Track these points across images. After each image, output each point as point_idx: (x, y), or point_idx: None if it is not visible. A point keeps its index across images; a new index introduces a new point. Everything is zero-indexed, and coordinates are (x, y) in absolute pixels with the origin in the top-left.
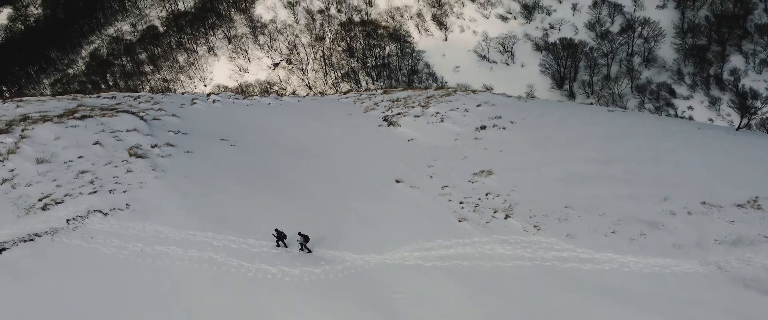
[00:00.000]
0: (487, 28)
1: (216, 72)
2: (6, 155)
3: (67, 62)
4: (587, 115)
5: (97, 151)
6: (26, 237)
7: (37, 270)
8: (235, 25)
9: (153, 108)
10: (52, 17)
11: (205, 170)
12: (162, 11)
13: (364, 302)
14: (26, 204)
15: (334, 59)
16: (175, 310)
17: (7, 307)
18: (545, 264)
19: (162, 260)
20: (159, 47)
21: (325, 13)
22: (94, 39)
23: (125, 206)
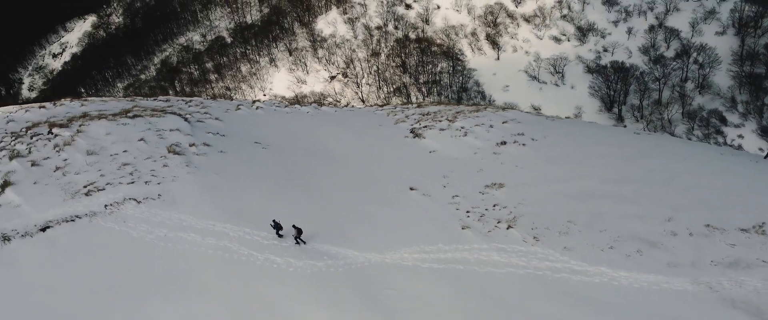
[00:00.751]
0: (539, 49)
1: (275, 82)
2: (62, 146)
3: (141, 68)
4: (611, 135)
5: (141, 147)
6: (68, 218)
7: (74, 246)
8: (297, 38)
9: (200, 111)
10: (131, 26)
11: (234, 168)
12: (231, 23)
13: (357, 295)
14: (73, 189)
15: (387, 74)
16: (189, 289)
17: (46, 275)
18: (537, 273)
19: (182, 245)
20: (225, 57)
21: (382, 29)
22: (166, 47)
23: (157, 196)
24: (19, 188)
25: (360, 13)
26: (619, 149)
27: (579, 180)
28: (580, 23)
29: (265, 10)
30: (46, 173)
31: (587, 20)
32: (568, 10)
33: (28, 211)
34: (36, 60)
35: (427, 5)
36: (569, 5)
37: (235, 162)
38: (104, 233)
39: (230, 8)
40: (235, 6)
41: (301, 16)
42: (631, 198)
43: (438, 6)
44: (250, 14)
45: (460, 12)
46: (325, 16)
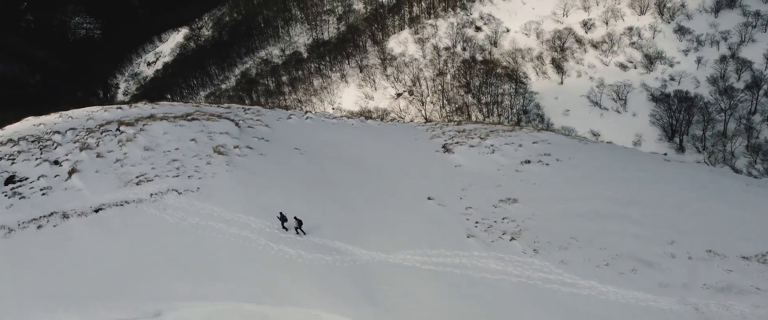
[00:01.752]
0: (604, 75)
1: (344, 97)
2: (125, 142)
3: (222, 78)
4: (638, 161)
5: (191, 146)
6: (119, 202)
7: (120, 227)
8: (368, 55)
9: (253, 118)
10: (218, 39)
11: (269, 169)
12: (309, 39)
13: (357, 288)
14: (127, 179)
15: (451, 93)
16: (210, 270)
17: (94, 248)
18: (528, 282)
19: (210, 232)
20: (300, 71)
21: (450, 50)
22: (247, 60)
23: (196, 189)
24: (83, 175)
25: (431, 33)
26: (639, 173)
27: (590, 199)
28: (648, 51)
29: (342, 28)
30: (107, 164)
31: (656, 48)
32: (638, 38)
33: (87, 195)
34: (132, 67)
35: (497, 28)
36: (640, 33)
37: (271, 164)
38: (146, 218)
39: (310, 25)
40: (315, 23)
41: (374, 34)
42: (636, 219)
43: (507, 29)
44: (327, 31)
45: (528, 36)
46: (397, 35)
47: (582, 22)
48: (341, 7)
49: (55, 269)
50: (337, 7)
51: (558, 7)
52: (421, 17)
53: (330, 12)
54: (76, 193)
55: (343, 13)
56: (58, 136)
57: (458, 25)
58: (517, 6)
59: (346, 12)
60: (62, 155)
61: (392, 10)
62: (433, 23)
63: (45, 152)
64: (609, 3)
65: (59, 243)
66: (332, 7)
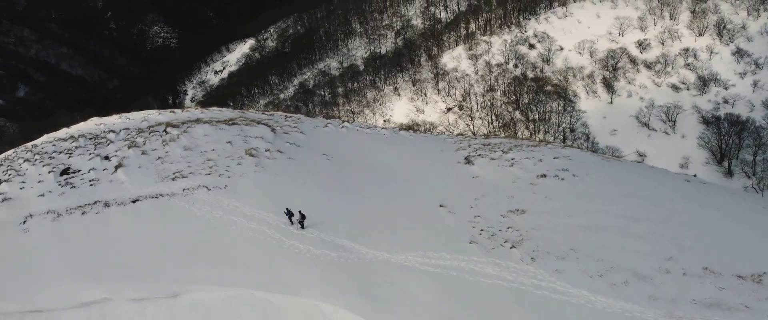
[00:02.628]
0: (655, 96)
1: (396, 110)
2: (168, 142)
3: (281, 88)
4: (657, 179)
5: (226, 148)
6: (154, 195)
7: (152, 216)
8: (421, 70)
9: (290, 125)
10: (281, 50)
11: (294, 172)
12: (366, 52)
13: (355, 282)
14: (164, 175)
15: (500, 109)
16: (226, 258)
17: (128, 234)
18: (520, 288)
19: (230, 225)
20: (356, 83)
21: (502, 66)
22: (306, 71)
23: (224, 186)
24: (127, 169)
25: (484, 50)
26: (653, 192)
27: (597, 214)
28: (703, 73)
29: (399, 43)
30: (149, 160)
31: (711, 70)
32: (693, 59)
33: (129, 187)
34: (200, 75)
35: (550, 46)
36: (696, 54)
37: (297, 167)
38: (176, 210)
39: (368, 39)
40: (374, 37)
41: (430, 49)
42: (640, 235)
43: (561, 47)
44: (384, 45)
45: (582, 54)
46: (451, 51)
47: (637, 42)
48: (400, 22)
49: (92, 250)
50: (396, 22)
51: (614, 26)
52: (476, 34)
53: (388, 27)
54: (119, 185)
55: (402, 27)
56: (112, 134)
57: (512, 42)
58: (572, 25)
59: (404, 27)
60: (112, 151)
61: (449, 26)
62: (487, 40)
63: (98, 148)
64: (666, 23)
65: (98, 228)
66: (391, 22)
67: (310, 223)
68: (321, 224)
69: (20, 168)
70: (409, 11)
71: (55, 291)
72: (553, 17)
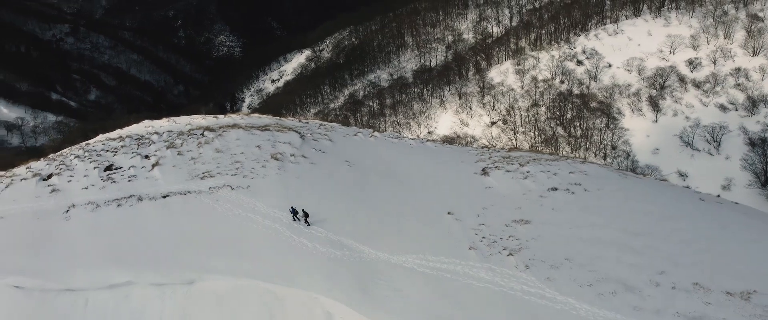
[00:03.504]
0: (701, 116)
1: (441, 122)
2: (203, 144)
3: (332, 98)
4: (671, 197)
5: (254, 151)
6: (183, 192)
7: (179, 210)
8: (468, 83)
9: (321, 132)
10: (335, 61)
11: (314, 176)
12: (416, 65)
13: (354, 279)
14: (195, 174)
15: (543, 124)
16: (239, 251)
17: (157, 225)
18: (509, 292)
19: (247, 222)
20: (404, 95)
21: (548, 82)
22: (356, 82)
23: (246, 186)
24: (163, 168)
25: (532, 65)
26: (662, 208)
27: (600, 227)
28: (753, 93)
29: (449, 56)
30: (184, 160)
31: (762, 91)
32: (744, 79)
33: (162, 184)
34: (258, 83)
35: (598, 63)
36: (747, 74)
37: (318, 171)
38: (201, 206)
39: (419, 52)
40: (424, 50)
41: (478, 63)
42: (637, 249)
43: (609, 64)
44: (434, 58)
45: (630, 72)
46: (499, 65)
47: (687, 61)
48: (452, 36)
49: (122, 238)
50: (448, 36)
51: (665, 45)
52: (525, 49)
53: (439, 40)
54: (154, 182)
55: (453, 41)
56: (155, 136)
57: (560, 58)
58: (622, 42)
59: (455, 41)
60: (152, 151)
61: (499, 41)
62: (535, 55)
63: (141, 148)
64: (720, 42)
65: (130, 219)
66: (443, 36)
67: (319, 223)
68: (330, 224)
69: (70, 164)
70: (461, 25)
71: (87, 273)
72: (603, 34)
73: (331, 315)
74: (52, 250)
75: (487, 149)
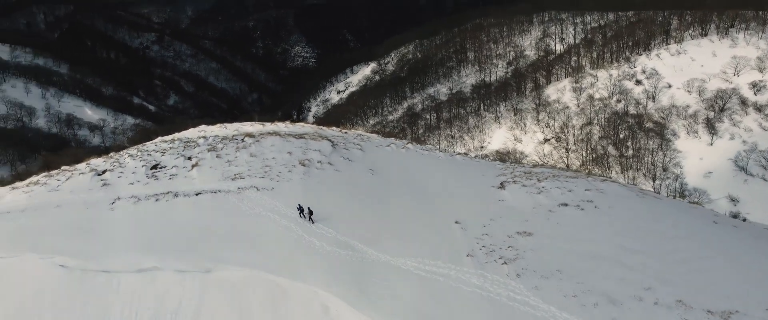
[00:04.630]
0: (759, 140)
1: (494, 137)
2: (240, 148)
3: (391, 110)
4: (683, 219)
5: (285, 157)
6: (214, 190)
7: (208, 207)
8: (525, 100)
9: (355, 142)
10: (398, 73)
11: (336, 181)
12: (475, 80)
13: (353, 276)
14: (227, 175)
15: (595, 143)
16: (254, 244)
17: (186, 220)
18: (494, 298)
19: (265, 219)
20: (461, 109)
21: (605, 101)
22: (416, 95)
23: (271, 188)
24: (200, 169)
25: (589, 84)
26: (668, 229)
27: (599, 243)
28: None
29: (509, 72)
30: (220, 163)
31: None
32: None
33: (197, 183)
34: (325, 94)
35: (657, 83)
36: None
37: (340, 178)
38: (227, 203)
39: (480, 67)
40: (485, 66)
41: (536, 80)
42: (630, 265)
43: (669, 85)
44: (494, 74)
45: (690, 93)
46: (557, 83)
47: (751, 84)
48: (513, 52)
49: (155, 229)
50: (510, 52)
51: (729, 66)
52: (585, 67)
53: (501, 56)
54: (191, 181)
55: (514, 57)
56: (202, 140)
57: (618, 77)
58: (684, 62)
59: (516, 57)
60: (195, 153)
61: (560, 58)
62: (594, 74)
63: (186, 150)
64: None
65: (164, 213)
66: (505, 52)
67: (330, 223)
68: (340, 225)
69: (123, 162)
70: (524, 42)
71: (121, 257)
72: (665, 54)
73: (328, 309)
74: (95, 236)
75: (511, 164)
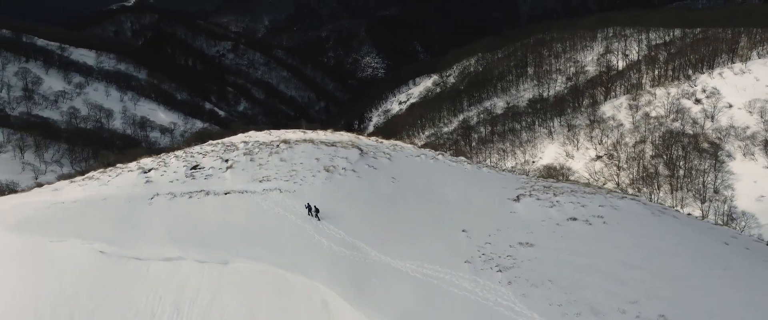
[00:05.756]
0: None
1: (546, 152)
2: (272, 154)
3: (446, 122)
4: (690, 237)
5: (312, 163)
6: (241, 190)
7: (234, 205)
8: (580, 115)
9: (384, 151)
10: (459, 86)
11: (355, 187)
12: (533, 94)
13: (352, 274)
14: (256, 177)
15: (647, 162)
16: (269, 240)
17: (212, 216)
18: (482, 302)
19: (282, 218)
20: (516, 123)
21: (661, 119)
22: (472, 108)
23: (293, 191)
24: (234, 171)
25: (647, 101)
26: (674, 247)
27: (599, 257)
28: None
29: (567, 88)
30: (252, 166)
31: None
32: None
33: (228, 183)
34: (386, 104)
35: (716, 103)
36: None
37: (360, 184)
38: (252, 203)
39: (538, 82)
40: (543, 80)
41: (594, 96)
42: (622, 279)
43: (729, 105)
44: (552, 89)
45: (751, 113)
46: (614, 100)
47: None
48: (574, 67)
49: (183, 223)
50: (570, 67)
51: None
52: (644, 84)
53: (561, 71)
54: (223, 181)
55: (574, 73)
56: (242, 144)
57: (676, 95)
58: (748, 82)
59: (576, 73)
60: (232, 156)
61: (620, 75)
62: (652, 91)
63: (225, 153)
64: None
65: (194, 209)
66: (565, 67)
67: (340, 224)
68: (349, 227)
69: (168, 162)
70: (585, 57)
71: (151, 246)
72: (728, 73)
73: (327, 303)
74: (131, 226)
75: (534, 178)
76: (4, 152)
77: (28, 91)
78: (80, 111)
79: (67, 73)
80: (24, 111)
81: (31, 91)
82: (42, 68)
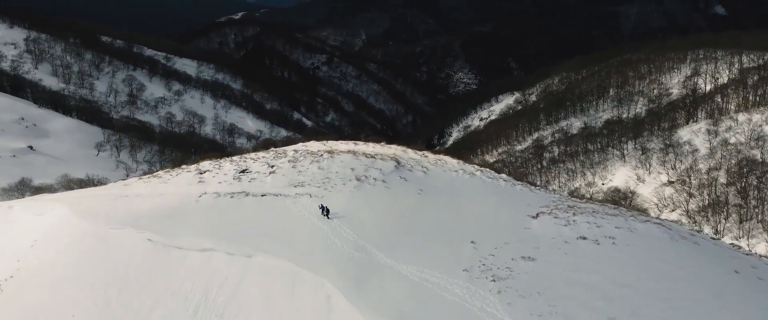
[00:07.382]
0: None
1: (617, 175)
2: (313, 162)
3: (520, 140)
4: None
5: (346, 172)
6: (275, 193)
7: (267, 206)
8: (655, 138)
9: (424, 165)
10: (539, 104)
11: (380, 196)
12: (611, 115)
13: (355, 273)
14: (293, 183)
15: (720, 190)
16: (288, 237)
17: (247, 215)
18: (470, 308)
19: (305, 220)
20: (590, 144)
21: (739, 146)
22: (547, 127)
23: (322, 196)
24: (275, 175)
25: (727, 127)
26: (677, 270)
27: (596, 274)
28: None
29: (646, 110)
30: (293, 172)
31: None
32: None
33: (268, 187)
34: (467, 120)
35: None
36: None
37: (385, 193)
38: (282, 205)
39: (619, 103)
40: (624, 101)
41: (674, 119)
42: (610, 297)
43: None
44: (632, 110)
45: None
46: (693, 124)
47: None
48: (658, 89)
49: (220, 219)
50: (654, 89)
51: None
52: (729, 110)
53: (642, 93)
54: (263, 184)
55: (657, 95)
56: (292, 152)
57: (758, 122)
58: None
59: (660, 95)
60: (278, 163)
61: (704, 99)
62: (734, 117)
63: (274, 159)
64: None
65: (233, 207)
66: (649, 89)
67: (356, 229)
68: (363, 231)
69: (222, 165)
70: (671, 80)
71: (190, 238)
72: None
73: (330, 298)
74: (178, 220)
75: (565, 196)
76: (104, 151)
77: (132, 97)
78: (176, 116)
79: (168, 81)
80: (125, 114)
81: (135, 96)
82: (147, 76)
